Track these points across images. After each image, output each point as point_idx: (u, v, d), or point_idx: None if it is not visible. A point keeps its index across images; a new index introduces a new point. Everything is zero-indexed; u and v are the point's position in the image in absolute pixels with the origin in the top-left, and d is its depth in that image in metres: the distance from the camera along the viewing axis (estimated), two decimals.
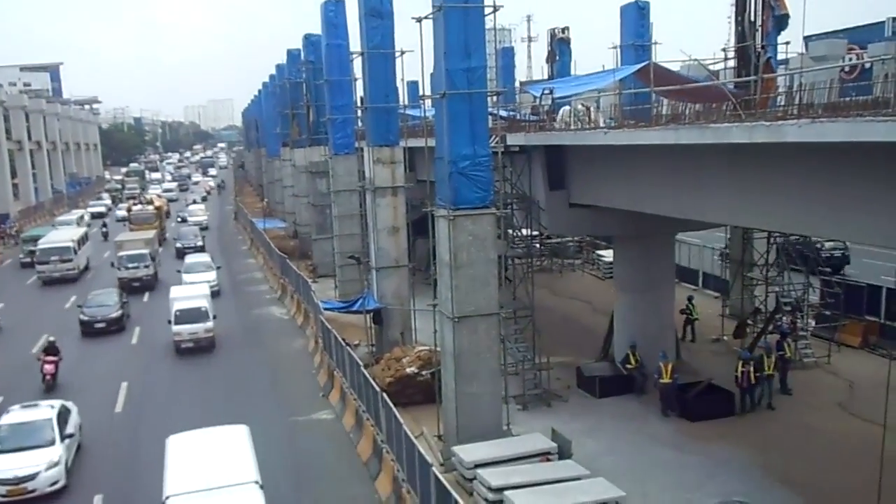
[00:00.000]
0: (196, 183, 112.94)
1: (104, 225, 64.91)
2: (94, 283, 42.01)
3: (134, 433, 21.59)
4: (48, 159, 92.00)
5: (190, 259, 42.61)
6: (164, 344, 30.03)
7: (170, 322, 29.49)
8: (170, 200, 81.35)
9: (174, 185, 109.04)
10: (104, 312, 32.93)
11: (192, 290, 33.21)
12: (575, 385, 24.07)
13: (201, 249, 50.36)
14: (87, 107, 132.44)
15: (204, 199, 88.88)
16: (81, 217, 67.71)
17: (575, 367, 24.55)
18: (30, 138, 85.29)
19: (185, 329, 29.14)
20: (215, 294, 37.10)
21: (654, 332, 24.29)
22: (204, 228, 63.02)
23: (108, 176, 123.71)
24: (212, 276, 39.46)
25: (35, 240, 48.01)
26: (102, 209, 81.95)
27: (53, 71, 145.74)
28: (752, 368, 21.44)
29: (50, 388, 25.15)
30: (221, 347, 29.64)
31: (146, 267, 41.54)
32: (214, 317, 30.16)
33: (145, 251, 42.50)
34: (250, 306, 37.65)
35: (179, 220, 69.18)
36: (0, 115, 75.59)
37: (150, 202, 58.91)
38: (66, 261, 44.48)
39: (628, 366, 23.36)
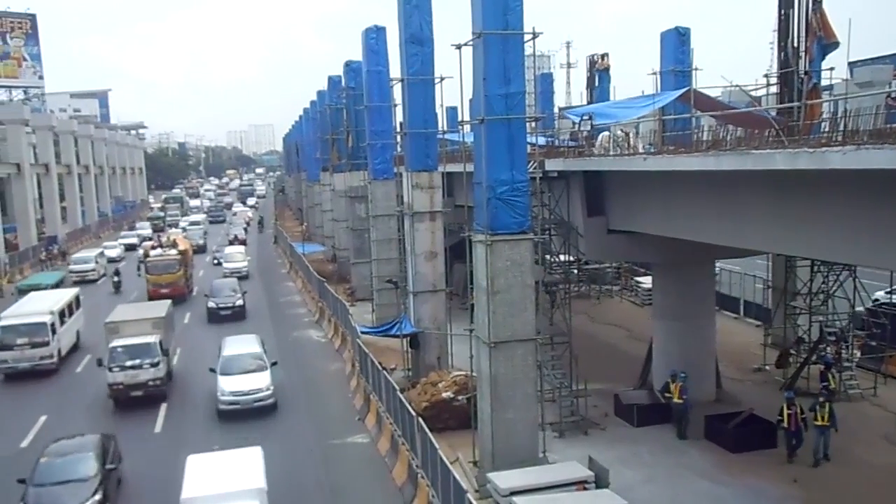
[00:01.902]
0: (234, 214, 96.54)
1: (117, 273, 49.79)
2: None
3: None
4: (95, 183, 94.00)
5: (230, 348, 27.67)
6: None
7: None
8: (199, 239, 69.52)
9: (201, 216, 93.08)
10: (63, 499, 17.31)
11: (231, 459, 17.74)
12: (612, 413, 23.76)
13: (241, 313, 39.53)
14: (133, 132, 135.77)
15: (243, 241, 69.17)
16: (101, 254, 58.23)
17: (612, 394, 24.26)
18: (78, 162, 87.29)
19: None
20: (269, 408, 25.24)
21: (694, 360, 23.92)
22: (243, 277, 50.07)
23: (152, 200, 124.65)
24: (263, 380, 25.61)
25: (30, 291, 39.36)
26: (135, 240, 71.89)
27: (102, 97, 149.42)
28: (798, 410, 20.01)
29: None
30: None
31: (153, 366, 26.38)
32: None
33: (152, 339, 27.47)
34: (289, 329, 37.90)
35: (214, 261, 58.83)
36: (50, 140, 77.57)
37: (173, 244, 46.60)
38: (39, 344, 30.32)
39: (667, 394, 23.01)
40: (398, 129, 31.27)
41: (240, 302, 40.05)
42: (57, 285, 45.16)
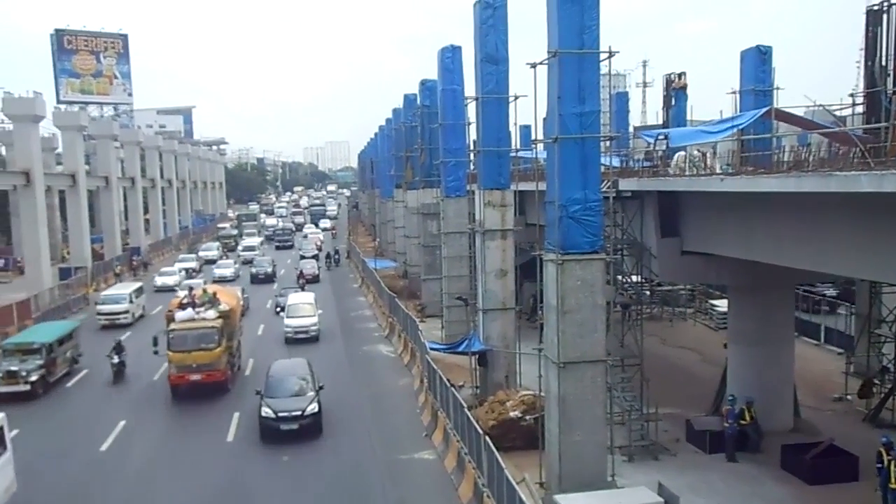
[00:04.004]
0: (305, 236, 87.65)
1: (117, 350, 32.31)
2: None
3: None
4: (177, 196, 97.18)
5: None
6: None
7: None
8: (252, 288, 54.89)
9: (255, 241, 79.91)
10: None
11: None
12: (684, 439, 23.22)
13: (315, 425, 24.57)
14: (214, 147, 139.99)
15: (313, 278, 58.24)
16: (138, 291, 45.90)
17: (684, 419, 23.71)
18: (162, 176, 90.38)
19: None
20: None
21: (770, 387, 23.24)
22: (312, 338, 37.95)
23: (231, 214, 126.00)
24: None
25: (16, 352, 30.16)
26: (193, 265, 65.23)
27: (186, 114, 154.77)
28: None
29: None
30: (329, 384, 30.15)
31: None
32: None
33: None
34: (359, 343, 38.32)
35: (277, 308, 44.24)
36: (137, 155, 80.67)
37: (212, 300, 30.67)
38: None
39: (742, 422, 22.36)
40: (471, 147, 31.46)
41: (313, 408, 24.53)
42: (60, 343, 31.67)
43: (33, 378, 29.19)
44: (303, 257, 68.24)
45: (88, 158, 72.71)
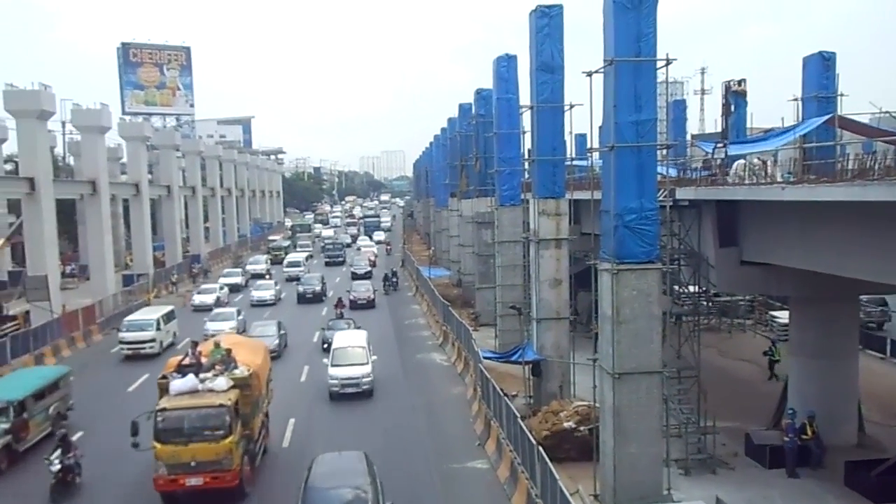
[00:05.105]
0: (359, 250, 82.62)
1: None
2: None
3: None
4: (236, 205, 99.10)
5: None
6: None
7: None
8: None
9: (301, 257, 72.17)
10: None
11: None
12: (743, 453, 22.73)
13: None
14: (272, 157, 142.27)
15: (369, 303, 50.76)
16: (168, 315, 39.66)
17: (743, 433, 23.22)
18: (221, 185, 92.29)
19: None
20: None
21: (833, 402, 22.65)
22: (364, 392, 29.29)
23: (287, 222, 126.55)
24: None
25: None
26: (238, 280, 60.68)
27: (246, 124, 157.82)
28: None
29: None
30: (381, 389, 30.42)
31: None
32: None
33: None
34: (413, 351, 38.46)
35: (325, 345, 35.97)
36: (198, 164, 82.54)
37: (226, 360, 21.71)
38: None
39: (804, 436, 21.80)
40: (526, 156, 31.40)
41: None
42: (37, 397, 24.66)
43: None
44: (354, 275, 62.83)
45: (151, 168, 74.64)
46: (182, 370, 20.94)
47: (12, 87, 43.62)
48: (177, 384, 20.27)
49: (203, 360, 21.49)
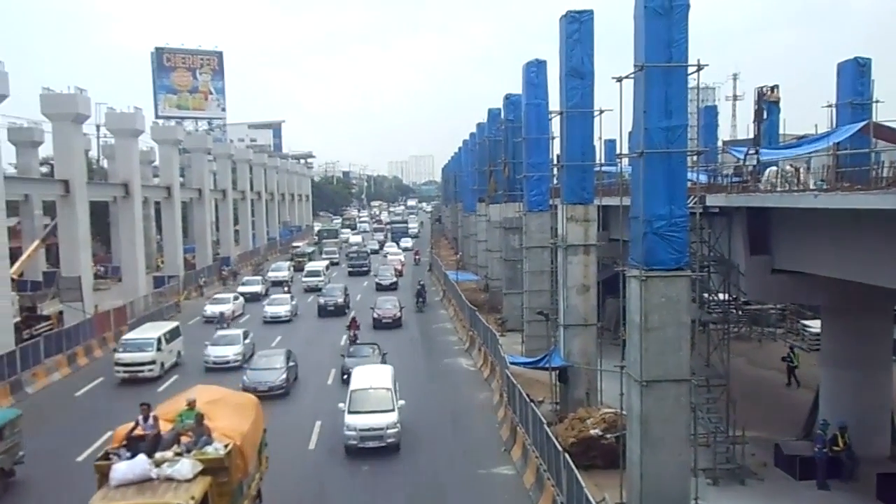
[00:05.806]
0: (385, 256, 79.69)
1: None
2: None
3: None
4: (266, 208, 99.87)
5: None
6: None
7: None
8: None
9: (321, 266, 65.89)
10: None
11: None
12: (772, 463, 22.43)
13: None
14: (302, 161, 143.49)
15: (395, 321, 45.03)
16: (172, 333, 35.69)
17: (773, 443, 22.92)
18: (251, 188, 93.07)
19: None
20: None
21: (866, 412, 22.28)
22: (389, 446, 23.64)
23: (317, 226, 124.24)
24: None
25: None
26: (258, 289, 56.59)
27: (276, 128, 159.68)
28: None
29: None
30: (407, 394, 30.34)
31: None
32: None
33: None
34: (440, 356, 38.45)
35: (344, 377, 30.11)
36: (229, 168, 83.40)
37: (197, 429, 15.37)
38: None
39: (835, 447, 21.47)
40: (555, 162, 31.34)
41: None
42: None
43: None
44: (379, 286, 59.63)
45: (183, 171, 75.58)
46: (130, 445, 14.75)
47: (49, 91, 44.42)
48: (120, 469, 13.96)
49: (164, 429, 15.36)
